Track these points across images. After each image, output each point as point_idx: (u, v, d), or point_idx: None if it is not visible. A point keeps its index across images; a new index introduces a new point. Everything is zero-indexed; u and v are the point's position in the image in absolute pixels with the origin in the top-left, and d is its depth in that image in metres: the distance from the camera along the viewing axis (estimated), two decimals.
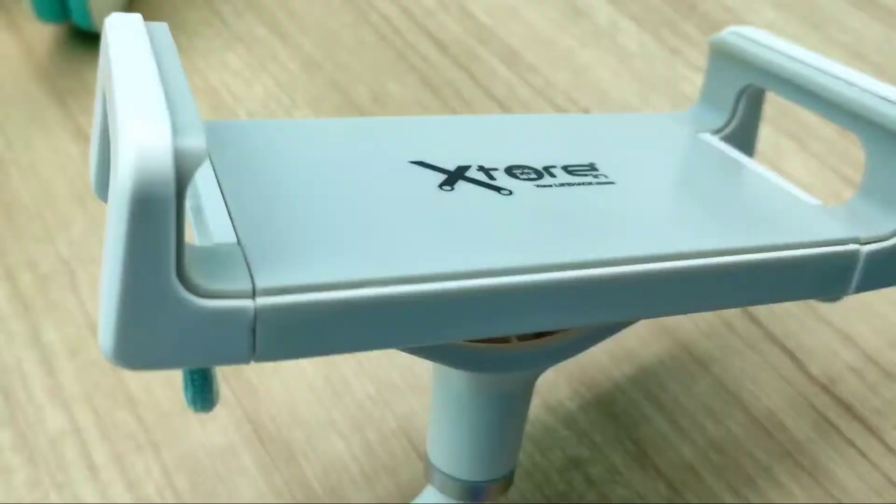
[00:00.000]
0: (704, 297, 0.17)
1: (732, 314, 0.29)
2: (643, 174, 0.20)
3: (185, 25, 0.40)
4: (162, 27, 0.17)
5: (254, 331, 0.13)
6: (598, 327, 0.19)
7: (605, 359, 0.28)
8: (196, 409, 0.15)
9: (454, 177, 0.18)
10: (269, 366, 0.29)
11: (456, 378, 0.20)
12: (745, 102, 0.23)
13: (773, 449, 0.26)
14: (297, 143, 0.19)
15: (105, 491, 0.27)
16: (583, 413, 0.27)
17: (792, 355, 0.28)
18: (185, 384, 0.15)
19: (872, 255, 0.18)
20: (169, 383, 0.29)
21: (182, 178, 0.12)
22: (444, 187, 0.18)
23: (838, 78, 0.20)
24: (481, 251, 0.15)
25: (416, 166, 0.18)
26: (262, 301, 0.13)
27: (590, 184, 0.19)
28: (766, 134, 0.34)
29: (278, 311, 0.13)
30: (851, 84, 0.19)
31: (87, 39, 0.40)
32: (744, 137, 0.23)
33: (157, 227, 0.12)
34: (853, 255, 0.18)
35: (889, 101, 0.18)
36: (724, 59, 0.23)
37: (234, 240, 0.15)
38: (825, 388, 0.27)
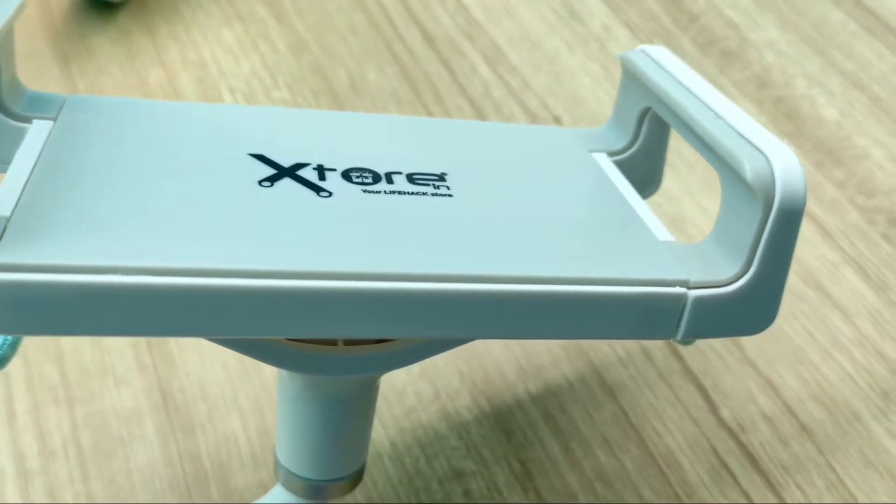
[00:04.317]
0: (503, 324, 0.16)
1: (655, 343, 0.28)
2: (492, 190, 0.19)
3: None
4: None
5: None
6: (422, 341, 0.18)
7: (512, 373, 0.28)
8: None
9: (281, 174, 0.18)
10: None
11: (288, 377, 0.20)
12: (647, 127, 0.22)
13: (662, 490, 0.25)
14: (147, 124, 0.19)
15: (17, 438, 0.28)
16: (477, 425, 0.27)
17: (706, 394, 0.27)
18: None
19: (702, 301, 0.17)
20: (97, 344, 0.30)
21: None
22: (263, 183, 0.18)
23: (710, 110, 0.18)
24: (252, 250, 0.15)
25: (252, 159, 0.18)
26: None
27: (424, 194, 0.18)
28: None
29: (9, 287, 0.14)
30: (718, 118, 0.18)
31: (100, 6, 0.41)
32: (647, 163, 0.22)
33: None
34: (678, 299, 0.17)
35: (748, 142, 0.17)
36: (629, 78, 0.22)
37: (7, 214, 0.15)
38: (732, 434, 0.26)
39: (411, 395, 0.27)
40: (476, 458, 0.26)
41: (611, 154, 0.22)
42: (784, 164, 0.16)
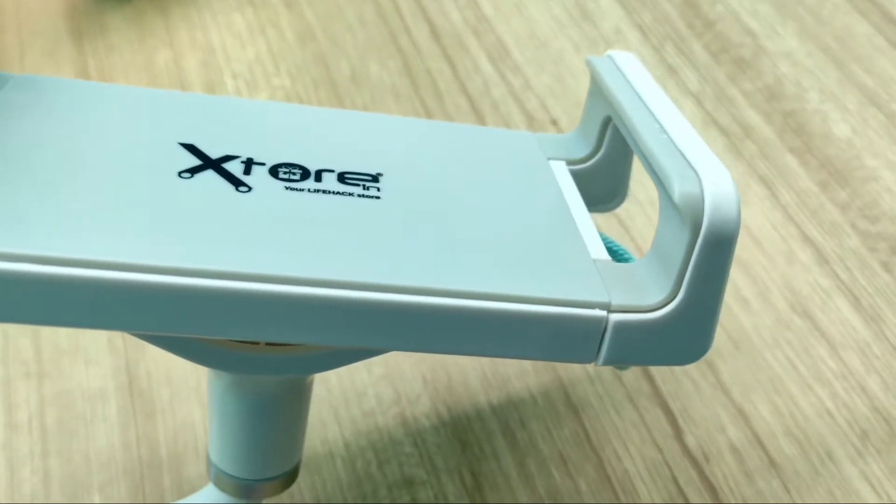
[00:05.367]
0: (402, 336, 0.15)
1: None
2: (426, 194, 0.18)
3: None
4: None
5: None
6: (340, 348, 0.18)
7: (476, 382, 0.27)
8: None
9: (204, 166, 0.17)
10: None
11: (215, 375, 0.20)
12: (610, 136, 0.21)
13: None
14: (85, 107, 0.19)
15: None
16: (434, 433, 0.26)
17: (673, 419, 0.25)
18: None
19: (623, 326, 0.16)
20: None
21: None
22: (183, 175, 0.17)
23: (656, 123, 0.17)
24: (139, 243, 0.15)
25: (181, 149, 0.18)
26: None
27: (350, 195, 0.18)
28: (738, 173, 0.31)
29: None
30: (662, 132, 0.17)
31: None
32: (610, 174, 0.21)
33: None
34: (596, 322, 0.16)
35: (685, 160, 0.16)
36: (594, 85, 0.21)
37: None
38: (696, 463, 0.24)
39: (371, 398, 0.27)
40: (428, 467, 0.25)
41: (571, 162, 0.21)
42: (716, 186, 0.15)
